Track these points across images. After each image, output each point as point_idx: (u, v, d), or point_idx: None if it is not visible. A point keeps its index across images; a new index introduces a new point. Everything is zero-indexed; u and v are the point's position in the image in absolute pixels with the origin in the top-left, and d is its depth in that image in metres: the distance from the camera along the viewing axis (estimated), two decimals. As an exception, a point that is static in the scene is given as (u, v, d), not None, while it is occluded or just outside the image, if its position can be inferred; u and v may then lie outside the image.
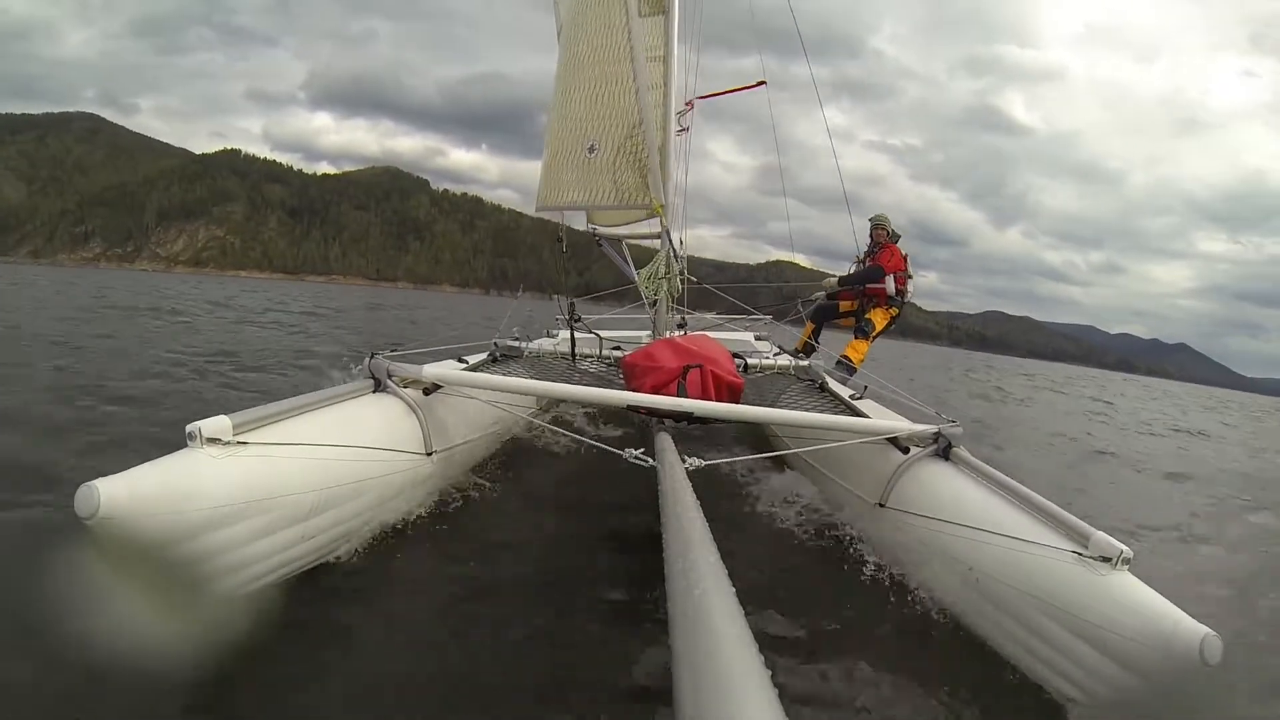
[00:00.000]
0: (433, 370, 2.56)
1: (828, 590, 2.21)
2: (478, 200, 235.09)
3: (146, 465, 1.49)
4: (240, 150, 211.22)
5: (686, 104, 5.30)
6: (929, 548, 2.11)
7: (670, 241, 3.89)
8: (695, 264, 5.56)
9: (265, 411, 1.85)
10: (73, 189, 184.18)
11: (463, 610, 1.92)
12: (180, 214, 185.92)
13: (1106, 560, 1.61)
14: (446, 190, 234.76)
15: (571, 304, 3.93)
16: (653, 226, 4.03)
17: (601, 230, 4.86)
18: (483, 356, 3.51)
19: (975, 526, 1.95)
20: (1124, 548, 1.60)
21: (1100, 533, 1.66)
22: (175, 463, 1.56)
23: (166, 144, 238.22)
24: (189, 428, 1.62)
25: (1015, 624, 1.77)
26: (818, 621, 1.97)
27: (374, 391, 2.42)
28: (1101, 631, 1.54)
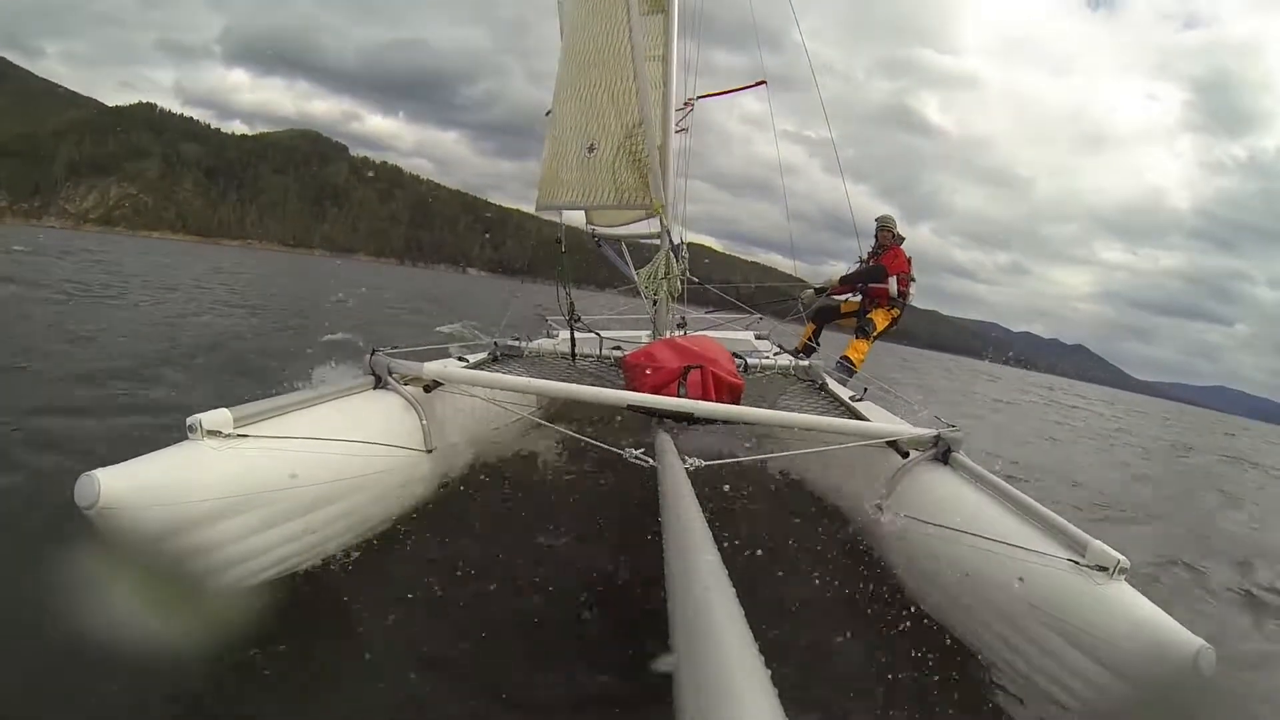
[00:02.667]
0: (433, 367, 2.57)
1: (826, 593, 2.22)
2: (397, 170, 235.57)
3: (147, 456, 1.50)
4: (156, 105, 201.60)
5: (685, 103, 5.26)
6: (926, 552, 2.12)
7: (671, 241, 3.91)
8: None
9: (266, 405, 1.86)
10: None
11: (460, 608, 1.92)
12: (91, 169, 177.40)
13: (1103, 569, 1.62)
14: (366, 157, 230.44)
15: (571, 304, 3.93)
16: (652, 226, 4.04)
17: (601, 230, 4.83)
18: (483, 355, 3.51)
19: (973, 532, 1.96)
20: (1121, 557, 1.61)
21: (1098, 542, 1.67)
22: (176, 455, 1.56)
23: (75, 93, 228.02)
24: (189, 420, 1.62)
25: (1011, 631, 1.77)
26: (815, 624, 1.99)
27: (374, 388, 2.43)
28: (1097, 641, 1.55)
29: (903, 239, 5.53)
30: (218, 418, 1.66)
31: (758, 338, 5.90)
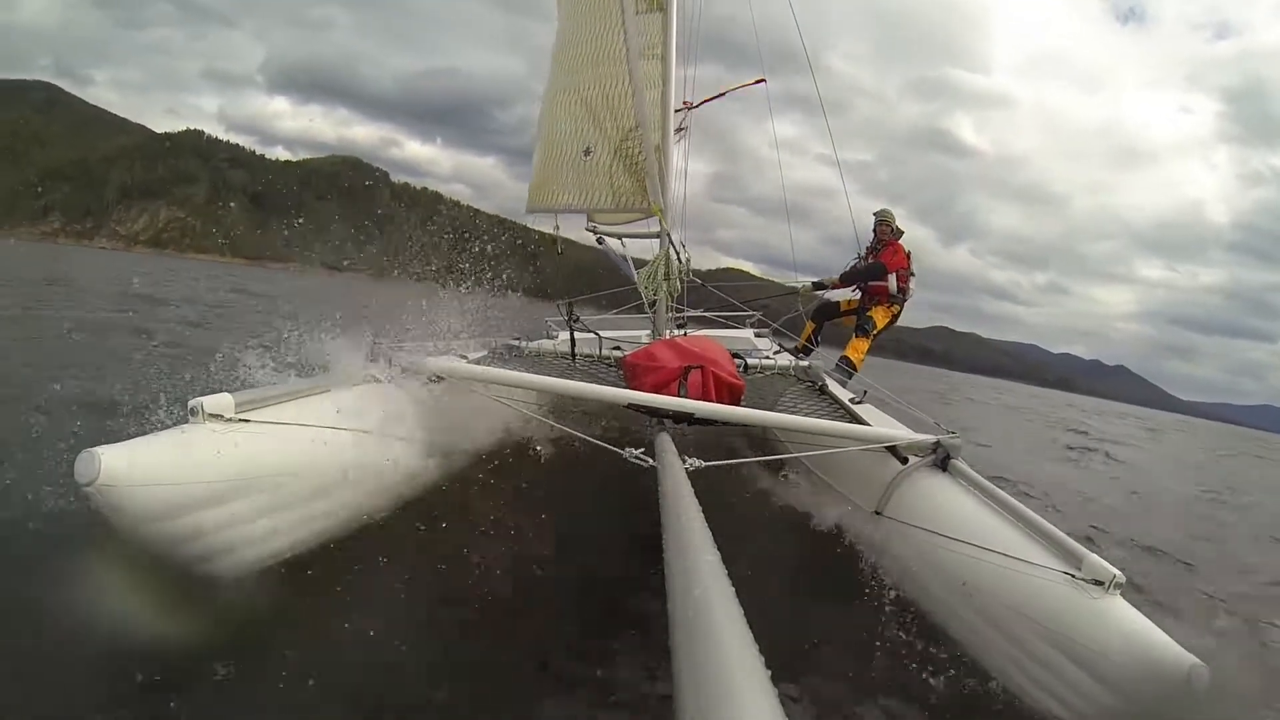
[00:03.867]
0: (435, 362, 2.58)
1: (823, 595, 2.23)
2: (437, 195, 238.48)
3: (148, 437, 1.51)
4: (203, 131, 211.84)
5: (684, 104, 5.25)
6: (923, 559, 2.12)
7: (671, 242, 3.87)
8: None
9: (268, 392, 1.87)
10: (30, 161, 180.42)
11: (458, 605, 1.92)
12: (141, 193, 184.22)
13: (1099, 584, 1.62)
14: (407, 183, 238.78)
15: (570, 304, 3.92)
16: (652, 226, 4.01)
17: (602, 230, 4.82)
18: (483, 354, 3.51)
19: (970, 541, 1.95)
20: (1116, 572, 1.62)
21: (1094, 556, 1.67)
22: (177, 437, 1.57)
23: (125, 119, 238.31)
24: (191, 403, 1.63)
25: (1005, 641, 1.78)
26: (812, 626, 1.99)
27: (377, 380, 2.44)
28: (1091, 654, 1.56)
29: (901, 233, 5.39)
30: (220, 402, 1.66)
31: (757, 336, 5.86)
